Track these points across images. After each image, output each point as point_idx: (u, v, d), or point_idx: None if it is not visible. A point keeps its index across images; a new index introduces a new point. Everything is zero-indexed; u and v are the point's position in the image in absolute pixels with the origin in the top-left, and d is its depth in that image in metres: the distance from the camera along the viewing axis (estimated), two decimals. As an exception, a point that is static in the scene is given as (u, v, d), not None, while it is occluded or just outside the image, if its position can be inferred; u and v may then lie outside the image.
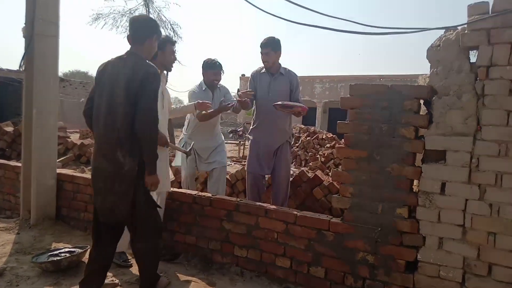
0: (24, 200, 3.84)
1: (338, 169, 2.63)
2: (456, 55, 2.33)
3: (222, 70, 3.86)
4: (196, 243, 3.14)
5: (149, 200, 2.49)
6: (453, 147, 2.28)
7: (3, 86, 16.34)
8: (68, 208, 3.90)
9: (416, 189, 2.44)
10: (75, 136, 16.25)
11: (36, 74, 3.64)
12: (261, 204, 2.95)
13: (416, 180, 2.45)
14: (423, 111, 2.52)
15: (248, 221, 2.92)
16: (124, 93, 2.26)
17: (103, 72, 2.40)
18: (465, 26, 2.35)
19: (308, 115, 4.09)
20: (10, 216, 4.21)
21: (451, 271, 2.28)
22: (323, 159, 9.31)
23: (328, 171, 8.93)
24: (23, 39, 3.73)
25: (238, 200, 3.03)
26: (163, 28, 13.20)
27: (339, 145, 2.64)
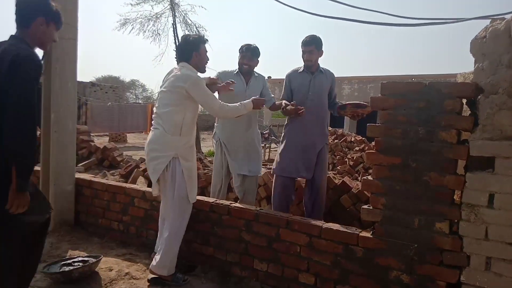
0: (43, 206, 3.78)
1: (369, 177, 2.36)
2: (506, 48, 2.02)
3: (255, 56, 3.53)
4: (214, 255, 2.95)
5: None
6: (503, 153, 1.97)
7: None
8: (86, 214, 3.81)
9: (457, 200, 2.15)
10: (104, 140, 16.64)
11: (54, 78, 3.57)
12: (282, 215, 2.72)
13: (457, 191, 2.15)
14: (465, 112, 2.22)
15: (269, 233, 2.70)
16: None
17: None
18: (517, 14, 2.04)
19: (336, 117, 3.86)
20: (31, 221, 4.17)
21: (502, 297, 1.97)
22: (352, 163, 8.95)
23: (357, 175, 8.58)
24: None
25: (258, 209, 2.81)
26: (190, 31, 13.21)
27: (369, 150, 2.37)
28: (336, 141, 10.25)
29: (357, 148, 9.51)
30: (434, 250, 2.14)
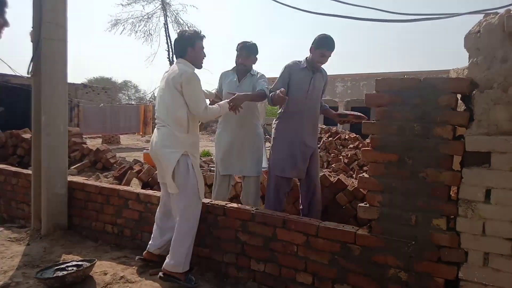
0: (35, 210, 3.73)
1: (365, 175, 2.35)
2: (500, 42, 2.01)
3: (252, 54, 3.45)
4: (210, 256, 2.92)
5: None
6: (499, 148, 1.96)
7: (21, 93, 16.70)
8: (80, 217, 3.76)
9: (453, 196, 2.14)
10: (97, 141, 16.49)
11: (44, 79, 3.52)
12: (278, 214, 2.69)
13: (453, 187, 2.15)
14: (460, 108, 2.22)
15: (265, 233, 2.67)
16: None
17: None
18: (511, 8, 2.03)
19: (330, 115, 3.85)
20: (24, 226, 4.11)
21: (500, 293, 1.97)
22: (346, 160, 8.96)
23: (352, 173, 8.59)
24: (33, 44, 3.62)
25: (254, 209, 2.78)
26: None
27: (365, 148, 2.36)
28: (331, 139, 10.26)
29: (351, 146, 9.53)
30: (432, 247, 2.13)
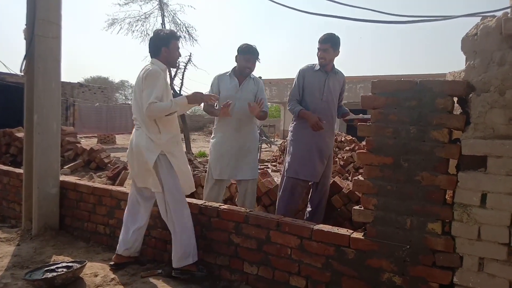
0: (26, 210, 3.68)
1: (360, 178, 2.32)
2: (498, 45, 1.99)
3: (258, 59, 3.43)
4: (203, 258, 2.87)
5: None
6: (496, 152, 1.94)
7: (17, 91, 16.57)
8: (72, 218, 3.71)
9: (448, 200, 2.11)
10: (93, 141, 16.39)
11: (37, 77, 3.47)
12: (272, 216, 2.66)
13: (449, 191, 2.12)
14: (456, 111, 2.19)
15: (259, 235, 2.64)
16: None
17: None
18: (508, 11, 2.02)
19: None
20: (15, 225, 4.06)
21: (495, 298, 1.94)
22: (342, 163, 8.94)
23: (348, 175, 8.58)
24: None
25: (248, 211, 2.75)
26: (179, 31, 13.09)
27: (360, 150, 2.33)
28: (327, 141, 10.24)
29: (347, 148, 9.51)
30: (427, 251, 2.10)
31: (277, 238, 2.56)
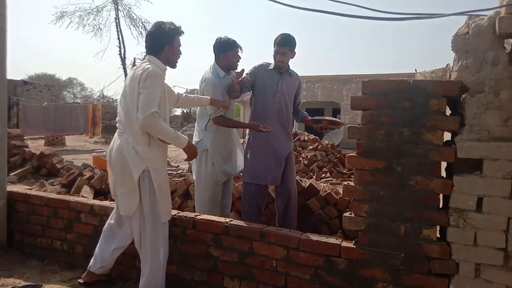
0: (-33, 226, 3.20)
1: (350, 183, 2.19)
2: (490, 44, 1.94)
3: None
4: (177, 273, 2.63)
5: None
6: (492, 155, 1.89)
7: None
8: (22, 233, 3.29)
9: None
10: (40, 143, 15.24)
11: (-23, 74, 3.02)
12: (255, 226, 2.47)
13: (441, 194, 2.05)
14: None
15: (241, 247, 2.44)
16: None
17: None
18: (499, 10, 1.97)
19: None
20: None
21: (493, 305, 1.89)
22: (306, 162, 8.94)
23: (312, 174, 8.59)
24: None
25: (228, 221, 2.54)
26: (134, 26, 12.51)
27: (350, 154, 2.20)
28: (289, 140, 10.21)
29: (311, 147, 9.53)
30: (422, 259, 2.02)
31: (261, 250, 2.38)
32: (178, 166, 8.06)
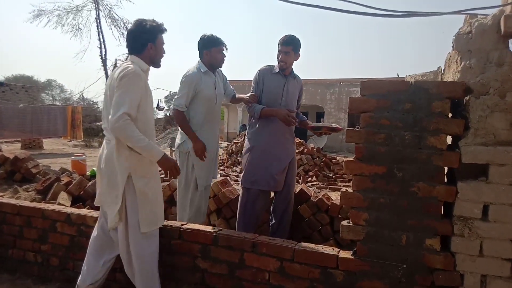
0: None
1: (348, 190, 2.06)
2: (494, 44, 1.85)
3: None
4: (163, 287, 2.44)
5: None
6: (498, 160, 1.79)
7: None
8: (-8, 244, 3.03)
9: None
10: (16, 146, 14.68)
11: None
12: (246, 236, 2.31)
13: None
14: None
15: (230, 258, 2.28)
16: None
17: None
18: (504, 9, 1.88)
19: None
20: None
21: (500, 319, 1.79)
22: (292, 166, 8.85)
23: (298, 178, 8.49)
24: None
25: (217, 231, 2.37)
26: (116, 27, 12.20)
27: (348, 159, 2.08)
28: (275, 144, 10.09)
29: (297, 151, 9.43)
30: (424, 270, 1.90)
31: (253, 261, 2.22)
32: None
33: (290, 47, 3.00)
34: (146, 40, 2.28)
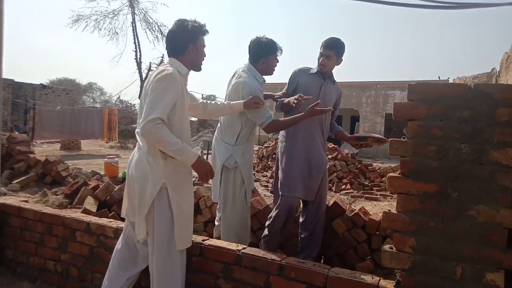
0: (-47, 241, 2.92)
1: (391, 210, 1.78)
2: None
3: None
4: (181, 308, 2.25)
5: None
6: None
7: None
8: (15, 250, 2.99)
9: None
10: (55, 147, 15.23)
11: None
12: (273, 257, 2.07)
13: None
14: None
15: (255, 281, 2.05)
16: None
17: None
18: None
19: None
20: None
21: None
22: (325, 172, 8.51)
23: (331, 185, 8.14)
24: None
25: (240, 249, 2.15)
26: (150, 30, 12.37)
27: (392, 174, 1.80)
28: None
29: (330, 156, 9.08)
30: (485, 310, 1.59)
31: (280, 286, 1.98)
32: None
33: (333, 51, 2.79)
34: (187, 42, 2.15)
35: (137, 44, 11.96)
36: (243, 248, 2.16)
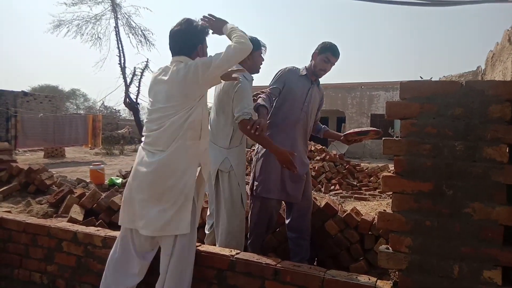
0: None
1: (387, 210, 1.77)
2: None
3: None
4: (174, 317, 2.19)
5: None
6: None
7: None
8: (-3, 263, 2.87)
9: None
10: (39, 155, 14.89)
11: None
12: (268, 261, 2.03)
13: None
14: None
15: (249, 286, 2.01)
16: None
17: None
18: None
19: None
20: None
21: None
22: (314, 173, 8.50)
23: (320, 187, 8.14)
24: None
25: (234, 254, 2.11)
26: (134, 35, 12.24)
27: (386, 173, 1.78)
28: (295, 151, 9.78)
29: (318, 158, 9.11)
30: (483, 308, 1.58)
31: (275, 291, 1.94)
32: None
33: (336, 59, 2.85)
34: (197, 42, 2.17)
35: (121, 49, 11.83)
36: (237, 253, 2.12)
